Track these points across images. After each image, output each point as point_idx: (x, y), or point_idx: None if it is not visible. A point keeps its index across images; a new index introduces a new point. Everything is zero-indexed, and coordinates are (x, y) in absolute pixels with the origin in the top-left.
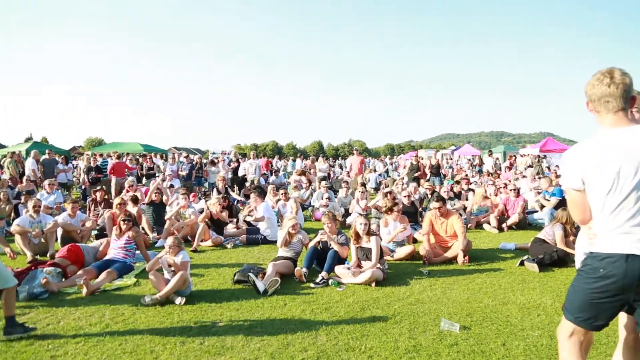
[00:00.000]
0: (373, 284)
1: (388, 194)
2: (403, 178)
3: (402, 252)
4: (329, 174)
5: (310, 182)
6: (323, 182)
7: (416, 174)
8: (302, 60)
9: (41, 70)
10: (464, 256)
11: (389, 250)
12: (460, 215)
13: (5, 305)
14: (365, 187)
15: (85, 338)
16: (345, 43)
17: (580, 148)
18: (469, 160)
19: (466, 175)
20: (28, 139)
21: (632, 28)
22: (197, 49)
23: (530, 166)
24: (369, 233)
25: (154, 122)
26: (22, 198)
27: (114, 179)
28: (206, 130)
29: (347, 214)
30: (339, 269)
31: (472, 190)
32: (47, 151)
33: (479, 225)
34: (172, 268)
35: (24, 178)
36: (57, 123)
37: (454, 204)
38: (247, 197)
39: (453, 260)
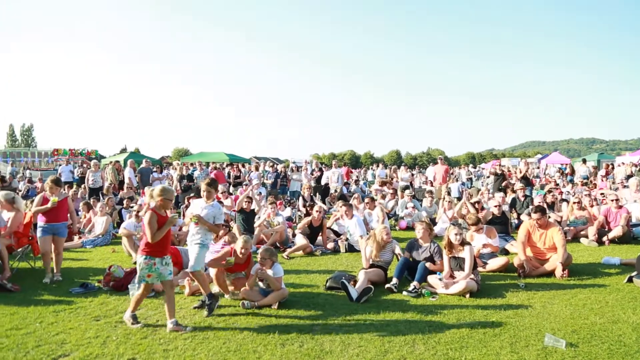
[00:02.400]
0: (467, 295)
1: (475, 204)
2: (488, 188)
3: (495, 263)
4: (411, 183)
5: (394, 191)
6: (406, 191)
7: (502, 184)
8: (379, 69)
9: (136, 82)
10: (564, 270)
11: (481, 262)
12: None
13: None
14: (449, 197)
15: (192, 335)
16: (420, 51)
17: None
18: (559, 169)
19: (556, 184)
20: (123, 150)
21: None
22: (272, 57)
23: (631, 175)
24: (463, 243)
25: (234, 132)
26: (124, 203)
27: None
28: (284, 140)
29: (432, 223)
30: (431, 279)
31: (566, 200)
32: (144, 160)
33: (575, 238)
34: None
35: (124, 185)
36: (147, 134)
37: (548, 216)
38: (332, 204)
39: (550, 273)
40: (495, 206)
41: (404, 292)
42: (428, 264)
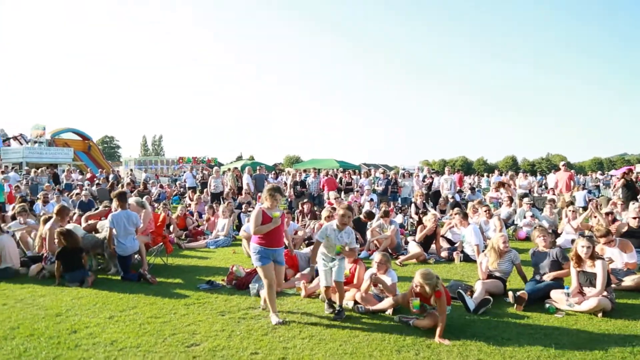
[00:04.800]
0: (599, 314)
1: (608, 215)
2: (620, 197)
3: (632, 280)
4: (530, 191)
5: (511, 199)
6: (525, 199)
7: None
8: (488, 70)
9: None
10: None
11: (615, 278)
12: None
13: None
14: (573, 206)
15: (309, 335)
16: (531, 50)
17: None
18: None
19: None
20: (239, 158)
21: None
22: (377, 61)
23: None
24: (593, 257)
25: (343, 139)
26: (243, 207)
27: (326, 193)
28: (394, 146)
29: (555, 234)
30: (556, 294)
31: None
32: (258, 167)
33: None
34: (381, 287)
35: (243, 191)
36: (260, 142)
37: None
38: (442, 212)
39: None
40: (634, 218)
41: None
42: (554, 274)
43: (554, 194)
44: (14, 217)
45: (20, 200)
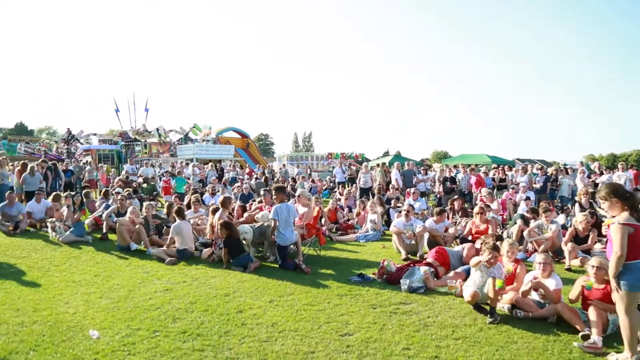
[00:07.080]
0: None
1: None
2: None
3: None
4: None
5: None
6: None
7: None
8: None
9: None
10: None
11: None
12: None
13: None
14: None
15: (462, 336)
16: None
17: None
18: None
19: None
20: (386, 153)
21: None
22: (534, 46)
23: None
24: None
25: (495, 132)
26: (392, 203)
27: (475, 190)
28: (551, 139)
29: None
30: None
31: None
32: (406, 163)
33: None
34: (542, 290)
35: (390, 186)
36: (407, 137)
37: None
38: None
39: None
40: None
41: None
42: None
43: None
44: (188, 207)
45: (193, 192)
